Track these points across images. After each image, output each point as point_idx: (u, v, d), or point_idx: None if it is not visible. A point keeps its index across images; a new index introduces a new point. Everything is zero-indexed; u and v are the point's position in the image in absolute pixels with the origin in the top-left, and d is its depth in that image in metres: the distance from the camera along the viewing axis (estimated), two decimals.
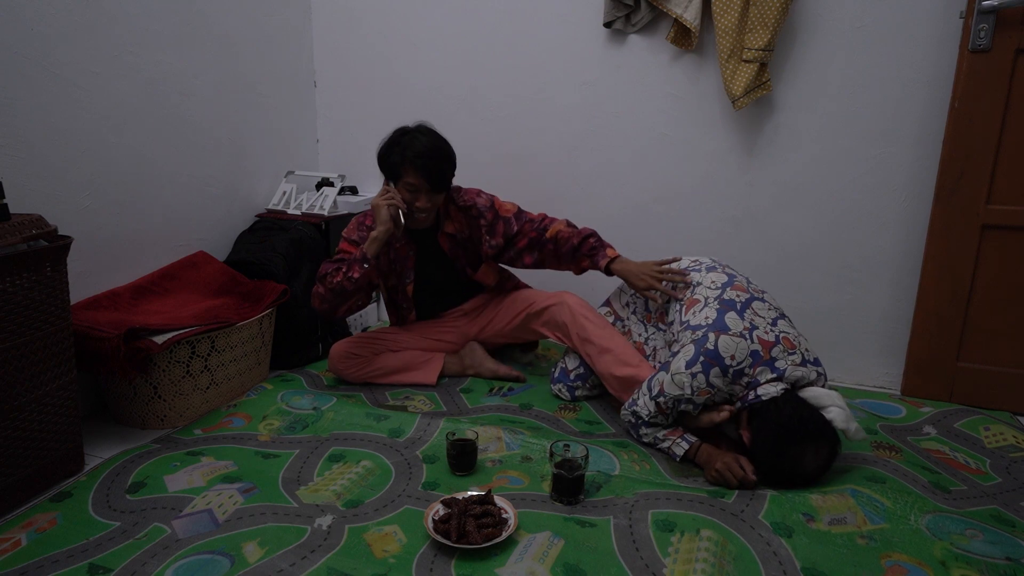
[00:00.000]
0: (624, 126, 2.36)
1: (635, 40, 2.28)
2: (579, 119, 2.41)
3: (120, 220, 1.99)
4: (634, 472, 1.61)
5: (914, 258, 2.10)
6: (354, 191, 2.66)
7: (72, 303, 1.68)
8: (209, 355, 1.89)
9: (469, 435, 1.63)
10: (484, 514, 1.36)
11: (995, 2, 1.79)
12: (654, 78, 2.28)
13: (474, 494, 1.43)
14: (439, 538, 1.31)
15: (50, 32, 1.74)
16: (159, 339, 1.75)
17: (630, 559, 1.31)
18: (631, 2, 2.19)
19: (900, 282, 2.14)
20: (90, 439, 1.78)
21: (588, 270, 2.07)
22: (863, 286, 2.19)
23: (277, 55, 2.53)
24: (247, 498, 1.50)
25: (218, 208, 2.35)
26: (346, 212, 2.52)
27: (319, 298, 1.95)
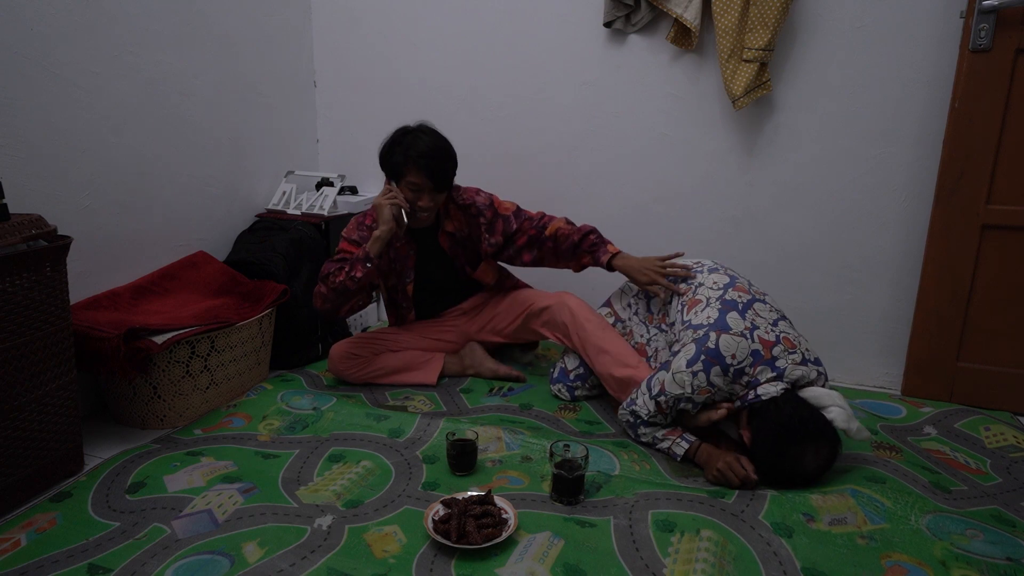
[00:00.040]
0: (624, 126, 2.36)
1: (635, 40, 2.28)
2: (579, 119, 2.41)
3: (120, 220, 1.99)
4: (634, 472, 1.61)
5: (914, 258, 2.10)
6: (354, 191, 2.66)
7: (72, 303, 1.68)
8: (209, 355, 1.89)
9: (469, 435, 1.63)
10: (484, 514, 1.36)
11: (995, 2, 1.79)
12: (654, 78, 2.28)
13: (474, 494, 1.43)
14: (439, 538, 1.31)
15: (50, 32, 1.74)
16: (159, 339, 1.75)
17: (630, 559, 1.31)
18: (631, 2, 2.19)
19: (900, 282, 2.14)
20: (90, 439, 1.78)
21: (588, 267, 2.07)
22: (863, 286, 2.19)
23: (277, 55, 2.53)
24: (247, 498, 1.50)
25: (218, 208, 2.35)
26: (346, 212, 2.52)
27: (321, 298, 1.95)
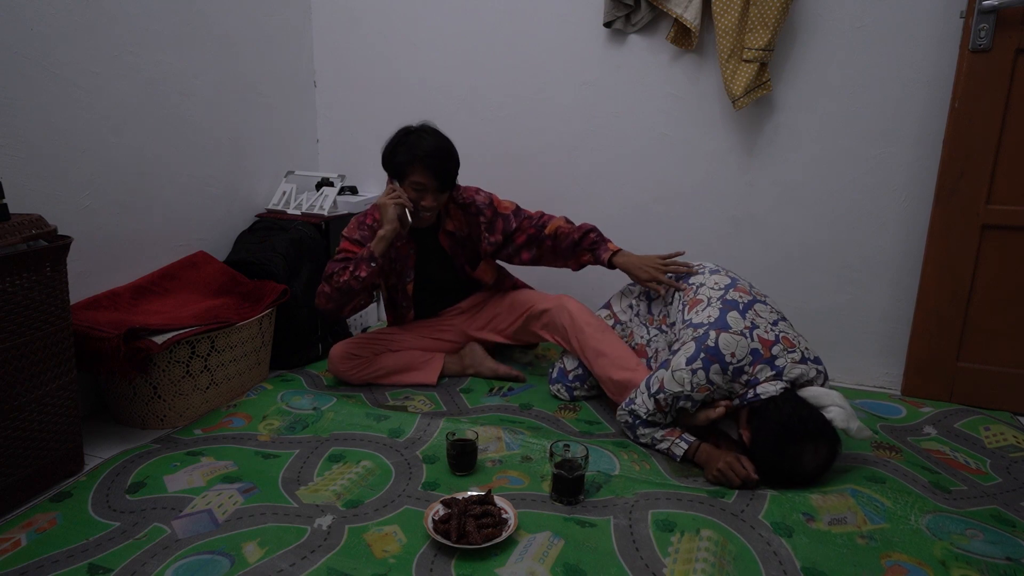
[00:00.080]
0: (624, 126, 2.36)
1: (635, 40, 2.28)
2: (579, 119, 2.41)
3: (120, 220, 1.99)
4: (634, 472, 1.61)
5: (914, 258, 2.10)
6: (354, 191, 2.66)
7: (72, 303, 1.68)
8: (209, 355, 1.89)
9: (469, 435, 1.63)
10: (484, 514, 1.36)
11: (995, 2, 1.79)
12: (654, 78, 2.28)
13: (474, 494, 1.43)
14: (439, 538, 1.31)
15: (50, 32, 1.74)
16: (159, 339, 1.75)
17: (630, 559, 1.31)
18: (631, 2, 2.19)
19: (900, 282, 2.14)
20: (90, 439, 1.78)
21: (588, 265, 2.07)
22: (863, 286, 2.19)
23: (277, 55, 2.53)
24: (247, 498, 1.50)
25: (218, 208, 2.35)
26: (346, 212, 2.52)
27: (325, 297, 1.95)
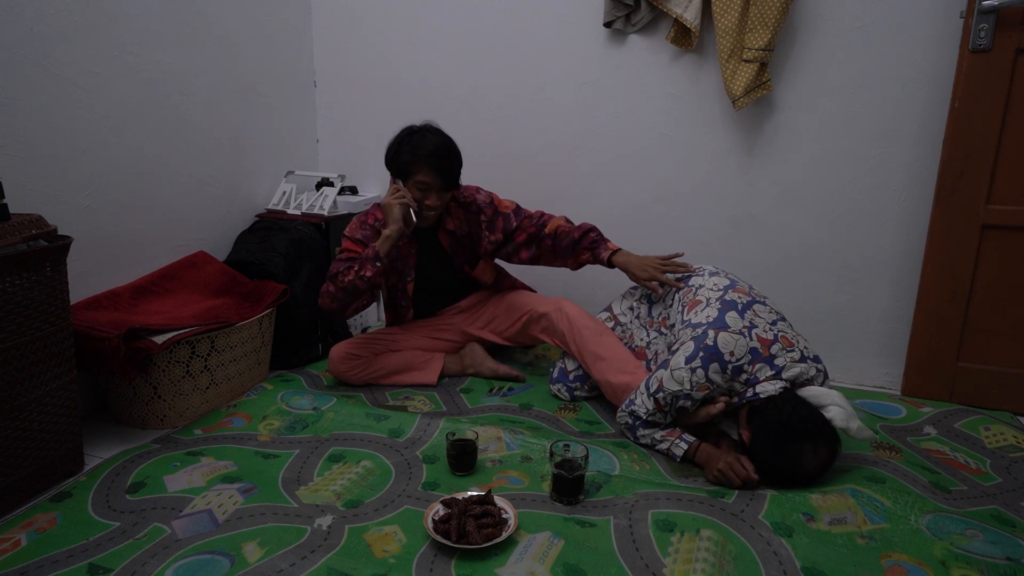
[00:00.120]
0: (624, 126, 2.36)
1: (635, 40, 2.28)
2: (579, 119, 2.41)
3: (120, 220, 1.99)
4: (634, 472, 1.61)
5: (914, 258, 2.10)
6: (354, 191, 2.66)
7: (72, 303, 1.68)
8: (209, 355, 1.89)
9: (469, 435, 1.63)
10: (484, 514, 1.36)
11: (995, 2, 1.79)
12: (654, 78, 2.28)
13: (474, 494, 1.43)
14: (439, 538, 1.31)
15: (50, 32, 1.74)
16: (159, 339, 1.75)
17: (630, 559, 1.31)
18: (631, 2, 2.19)
19: (900, 282, 2.14)
20: (90, 439, 1.78)
21: (587, 264, 2.07)
22: (863, 286, 2.19)
23: (277, 55, 2.53)
24: (247, 498, 1.50)
25: (218, 208, 2.35)
26: (346, 212, 2.52)
27: (330, 297, 1.94)
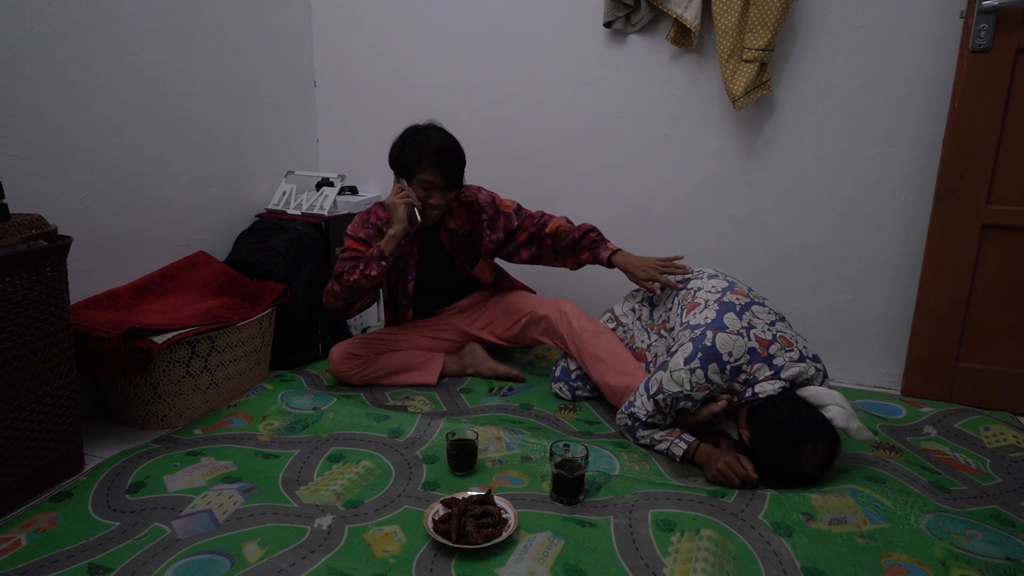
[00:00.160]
0: (624, 126, 2.36)
1: (635, 40, 2.28)
2: (579, 119, 2.41)
3: (120, 220, 1.99)
4: (634, 472, 1.61)
5: (914, 258, 2.10)
6: (354, 191, 2.66)
7: (72, 303, 1.68)
8: (209, 355, 1.89)
9: (469, 435, 1.63)
10: (484, 514, 1.36)
11: (995, 2, 1.79)
12: (654, 78, 2.28)
13: (474, 494, 1.43)
14: (439, 538, 1.31)
15: (50, 32, 1.74)
16: (159, 339, 1.75)
17: (630, 559, 1.31)
18: (631, 2, 2.19)
19: (900, 282, 2.14)
20: (90, 439, 1.78)
21: (587, 264, 2.07)
22: (863, 286, 2.19)
23: (277, 55, 2.53)
24: (247, 498, 1.50)
25: (218, 208, 2.35)
26: (346, 212, 2.52)
27: (335, 296, 1.94)
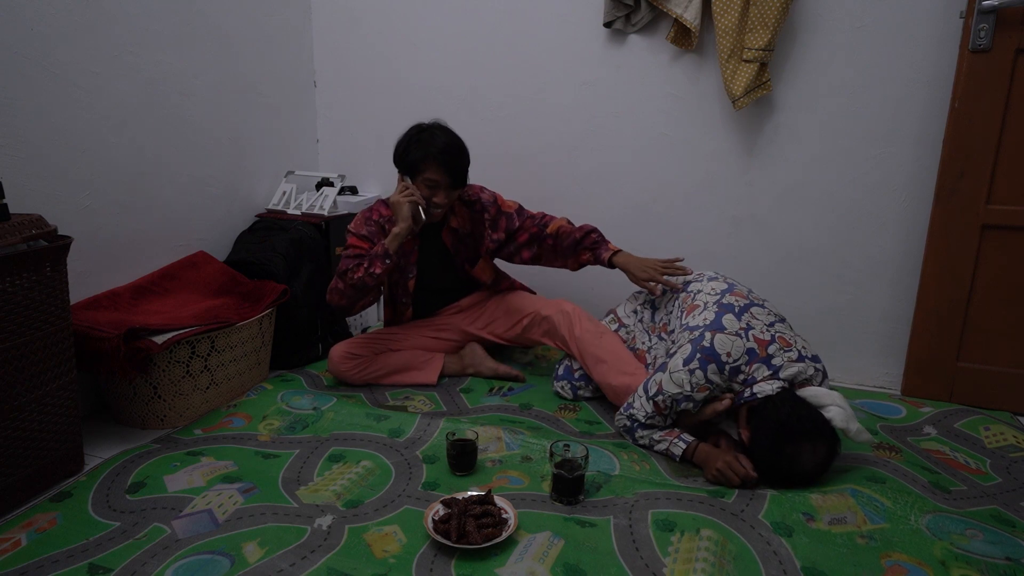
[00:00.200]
0: (624, 126, 2.36)
1: (635, 40, 2.28)
2: (579, 119, 2.41)
3: (120, 220, 1.99)
4: (634, 472, 1.61)
5: (914, 258, 2.10)
6: (354, 191, 2.66)
7: (72, 303, 1.68)
8: (209, 355, 1.89)
9: (469, 435, 1.63)
10: (484, 514, 1.36)
11: (995, 2, 1.79)
12: (654, 78, 2.28)
13: (474, 494, 1.43)
14: (439, 538, 1.31)
15: (50, 32, 1.74)
16: (159, 339, 1.75)
17: (630, 559, 1.31)
18: (631, 2, 2.19)
19: (900, 282, 2.14)
20: (90, 439, 1.78)
21: (587, 264, 2.07)
22: (863, 286, 2.19)
23: (277, 55, 2.53)
24: (247, 498, 1.50)
25: (218, 208, 2.35)
26: (346, 212, 2.52)
27: (339, 294, 1.95)
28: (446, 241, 2.11)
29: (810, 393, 1.57)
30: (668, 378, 1.62)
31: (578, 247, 2.04)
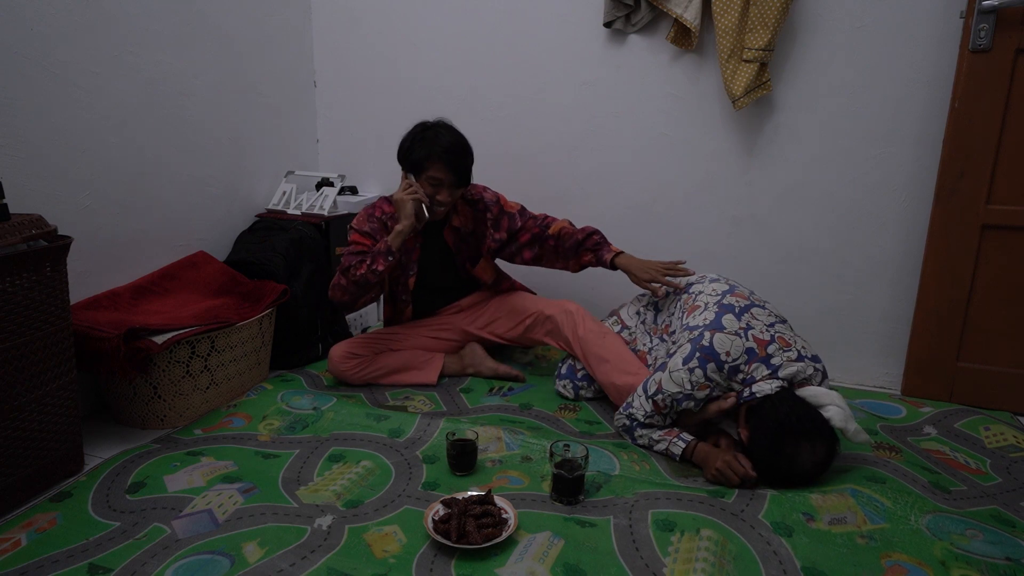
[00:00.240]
0: (624, 126, 2.36)
1: (635, 40, 2.28)
2: (579, 119, 2.41)
3: (120, 220, 1.99)
4: (634, 472, 1.61)
5: (914, 258, 2.10)
6: (354, 191, 2.67)
7: (72, 303, 1.68)
8: (209, 355, 1.89)
9: (469, 435, 1.63)
10: (484, 514, 1.36)
11: (995, 2, 1.79)
12: (654, 78, 2.28)
13: (474, 494, 1.43)
14: (439, 538, 1.31)
15: (50, 32, 1.74)
16: (159, 339, 1.75)
17: (630, 559, 1.31)
18: (631, 2, 2.19)
19: (900, 282, 2.14)
20: (90, 439, 1.78)
21: (588, 266, 2.07)
22: (863, 286, 2.19)
23: (277, 55, 2.53)
24: (247, 498, 1.50)
25: (218, 208, 2.35)
26: (346, 212, 2.52)
27: (341, 290, 1.95)
28: (448, 240, 2.11)
29: (809, 393, 1.57)
30: (668, 377, 1.63)
31: (580, 248, 2.04)
